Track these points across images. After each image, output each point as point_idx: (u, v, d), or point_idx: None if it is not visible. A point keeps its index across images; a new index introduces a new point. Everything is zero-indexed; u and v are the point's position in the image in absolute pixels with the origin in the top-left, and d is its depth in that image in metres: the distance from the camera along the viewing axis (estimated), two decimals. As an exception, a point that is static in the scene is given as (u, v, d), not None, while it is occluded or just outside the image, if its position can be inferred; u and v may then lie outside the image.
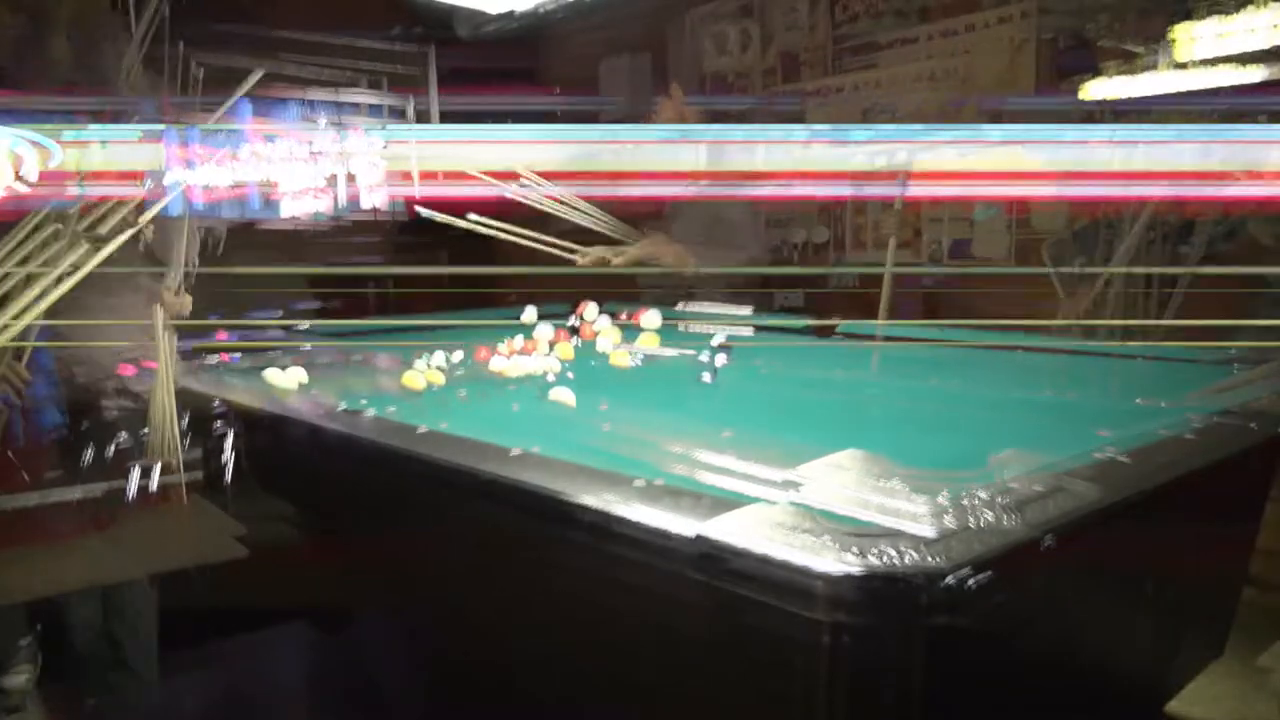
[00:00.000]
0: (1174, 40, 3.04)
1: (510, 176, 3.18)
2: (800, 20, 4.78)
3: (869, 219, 4.64)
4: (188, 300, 2.63)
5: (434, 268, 4.98)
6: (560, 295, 3.06)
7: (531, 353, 2.35)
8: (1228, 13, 2.93)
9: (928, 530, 0.99)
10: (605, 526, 1.15)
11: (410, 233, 5.19)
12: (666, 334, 2.61)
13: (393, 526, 1.65)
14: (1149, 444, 1.37)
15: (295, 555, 2.01)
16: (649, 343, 2.50)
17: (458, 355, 2.28)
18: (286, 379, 2.07)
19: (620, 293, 3.23)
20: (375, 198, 4.21)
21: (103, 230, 2.16)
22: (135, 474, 2.16)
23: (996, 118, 3.84)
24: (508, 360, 2.24)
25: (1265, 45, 2.86)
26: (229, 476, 2.01)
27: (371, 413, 1.73)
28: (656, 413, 1.83)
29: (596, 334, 2.58)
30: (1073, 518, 1.08)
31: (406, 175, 4.27)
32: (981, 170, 3.47)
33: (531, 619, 1.37)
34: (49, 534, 2.45)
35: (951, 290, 4.14)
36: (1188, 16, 3.04)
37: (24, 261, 2.08)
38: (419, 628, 1.72)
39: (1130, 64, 3.16)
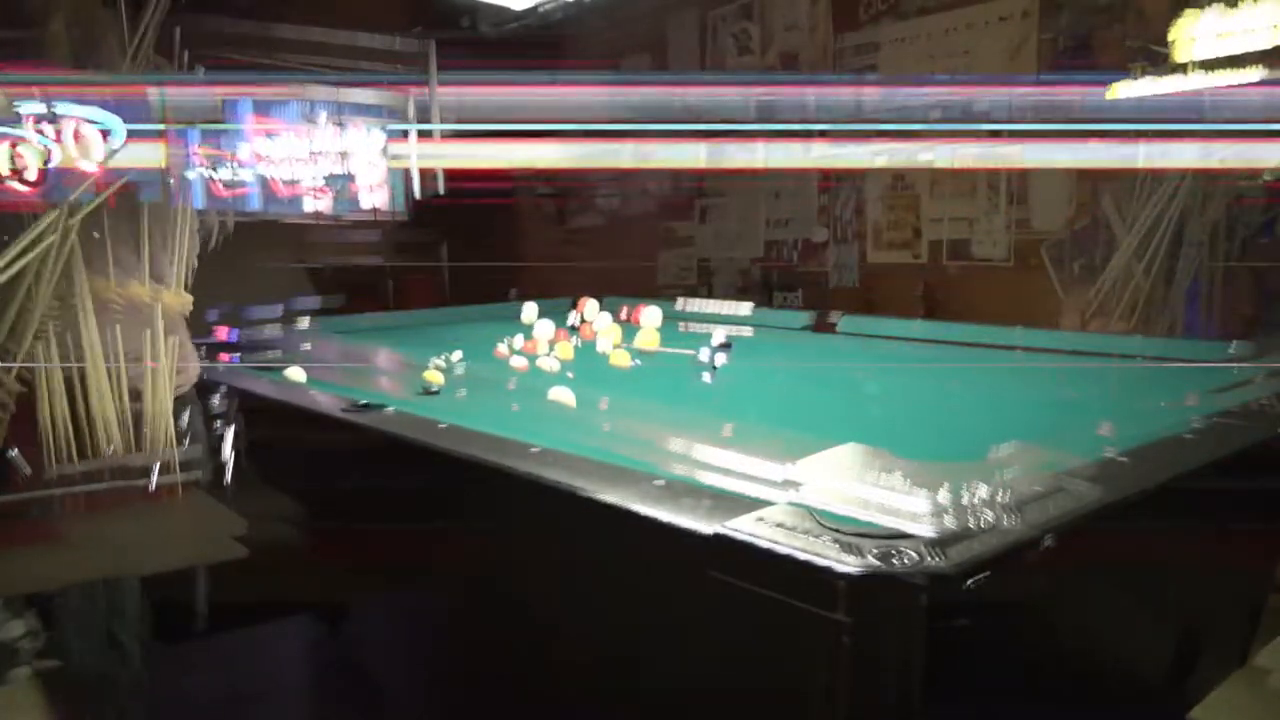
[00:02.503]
0: (1174, 41, 3.03)
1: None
2: (800, 20, 4.77)
3: (868, 217, 4.63)
4: (188, 298, 2.62)
5: (434, 264, 4.98)
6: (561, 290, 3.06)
7: (532, 352, 2.35)
8: (1231, 6, 2.91)
9: (928, 530, 0.99)
10: (601, 526, 1.15)
11: (410, 230, 5.19)
12: (667, 331, 2.60)
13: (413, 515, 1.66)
14: (1149, 444, 1.37)
15: (295, 547, 2.02)
16: (649, 341, 2.49)
17: (456, 355, 2.28)
18: (294, 375, 2.08)
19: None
20: (375, 196, 4.20)
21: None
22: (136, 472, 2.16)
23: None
24: (508, 359, 2.24)
25: (1267, 45, 2.86)
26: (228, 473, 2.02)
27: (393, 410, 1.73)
28: (656, 411, 1.82)
29: (596, 334, 2.58)
30: (1073, 518, 1.08)
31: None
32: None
33: (534, 614, 1.37)
34: (48, 532, 2.45)
35: (952, 288, 4.15)
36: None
37: (21, 274, 2.09)
38: (424, 611, 1.73)
39: (1137, 65, 3.15)
